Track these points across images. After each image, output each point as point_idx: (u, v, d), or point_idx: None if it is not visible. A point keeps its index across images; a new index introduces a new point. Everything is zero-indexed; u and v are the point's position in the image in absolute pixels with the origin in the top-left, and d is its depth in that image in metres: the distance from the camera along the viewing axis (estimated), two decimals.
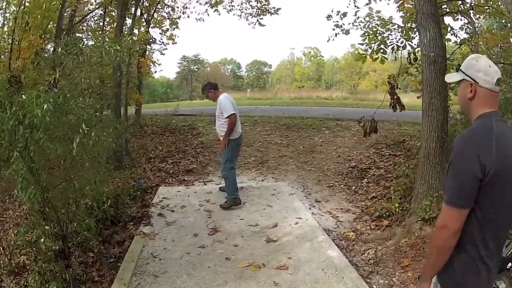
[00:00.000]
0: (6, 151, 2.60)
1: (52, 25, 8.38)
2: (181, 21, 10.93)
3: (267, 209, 5.06)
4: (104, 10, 10.08)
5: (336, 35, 7.30)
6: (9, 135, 2.58)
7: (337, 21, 7.24)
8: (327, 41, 17.51)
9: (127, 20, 8.47)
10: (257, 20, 11.16)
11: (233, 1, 10.94)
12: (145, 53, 10.57)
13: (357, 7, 6.81)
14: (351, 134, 9.20)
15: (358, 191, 5.80)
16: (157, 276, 3.36)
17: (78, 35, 9.99)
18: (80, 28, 10.49)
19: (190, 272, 3.43)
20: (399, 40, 5.28)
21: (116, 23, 7.23)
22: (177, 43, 11.69)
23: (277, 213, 4.92)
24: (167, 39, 11.49)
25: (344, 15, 7.20)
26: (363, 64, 5.54)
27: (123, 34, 5.99)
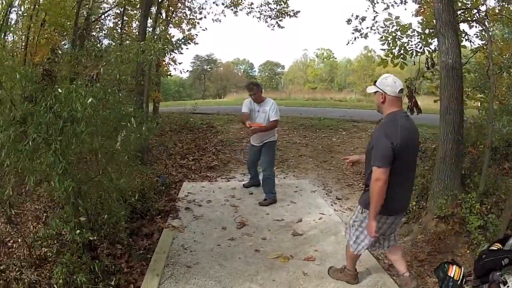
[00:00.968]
0: (43, 143, 2.55)
1: (68, 23, 8.22)
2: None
3: (291, 205, 5.18)
4: (122, 9, 9.95)
5: (355, 38, 7.58)
6: (45, 128, 2.53)
7: (356, 26, 7.49)
8: (346, 44, 17.75)
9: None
10: (276, 22, 11.00)
11: (252, 4, 10.78)
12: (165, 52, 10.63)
13: (376, 12, 7.01)
14: (367, 135, 9.22)
15: None
16: (189, 267, 3.44)
17: (93, 34, 9.91)
18: (96, 27, 10.30)
19: (222, 263, 3.53)
20: (418, 46, 5.43)
21: (139, 23, 7.26)
22: (198, 44, 11.63)
23: (301, 209, 5.05)
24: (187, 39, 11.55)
25: (363, 19, 7.42)
26: (384, 68, 5.69)
27: (149, 33, 5.99)
